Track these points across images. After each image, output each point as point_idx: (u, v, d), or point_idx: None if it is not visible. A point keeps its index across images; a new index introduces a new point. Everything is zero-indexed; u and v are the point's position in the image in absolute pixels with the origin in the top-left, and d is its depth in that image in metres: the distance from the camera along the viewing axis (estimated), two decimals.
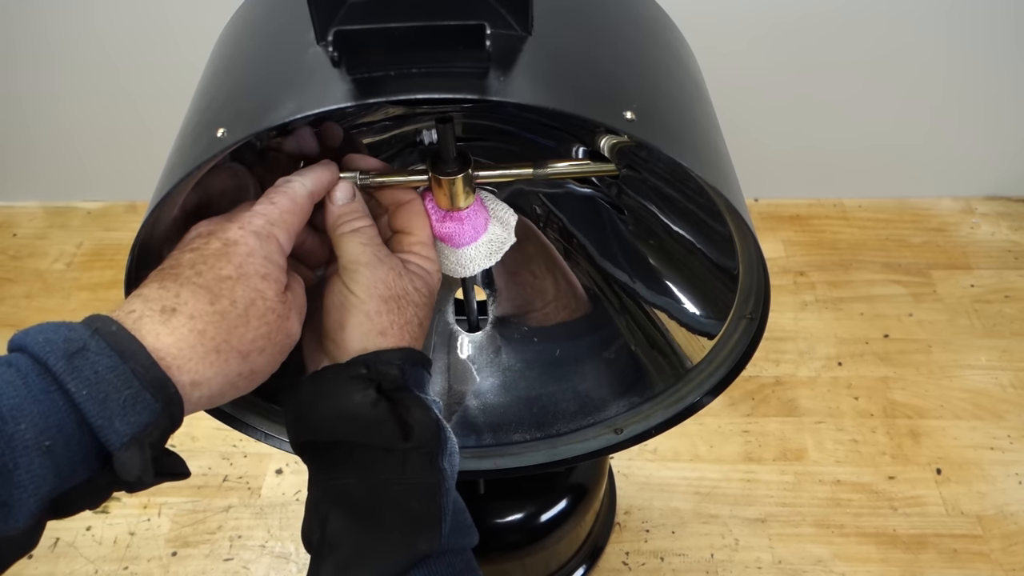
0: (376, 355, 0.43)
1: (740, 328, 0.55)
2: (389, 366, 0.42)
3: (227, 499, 1.03)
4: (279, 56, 0.43)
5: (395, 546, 0.40)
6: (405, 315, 0.44)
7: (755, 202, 1.37)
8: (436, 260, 0.49)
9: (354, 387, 0.41)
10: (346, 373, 0.42)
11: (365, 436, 0.41)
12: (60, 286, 1.29)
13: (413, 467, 0.41)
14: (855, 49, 1.15)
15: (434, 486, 0.42)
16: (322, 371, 0.44)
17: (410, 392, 0.43)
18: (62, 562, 0.97)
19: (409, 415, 0.42)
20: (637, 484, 1.02)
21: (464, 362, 0.67)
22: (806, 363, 1.14)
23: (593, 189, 0.61)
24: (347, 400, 0.41)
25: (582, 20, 0.46)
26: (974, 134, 1.28)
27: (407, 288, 0.45)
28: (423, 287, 0.46)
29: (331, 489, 0.42)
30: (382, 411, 0.41)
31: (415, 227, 0.49)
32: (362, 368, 0.42)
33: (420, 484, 0.41)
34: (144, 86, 1.22)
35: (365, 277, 0.44)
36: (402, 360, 0.43)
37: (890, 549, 0.95)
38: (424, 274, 0.47)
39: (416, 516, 0.41)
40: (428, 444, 0.42)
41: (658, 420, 0.61)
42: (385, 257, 0.45)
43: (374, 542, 0.40)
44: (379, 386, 0.42)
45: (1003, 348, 1.15)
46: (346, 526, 0.41)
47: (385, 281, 0.44)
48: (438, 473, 0.42)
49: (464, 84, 0.37)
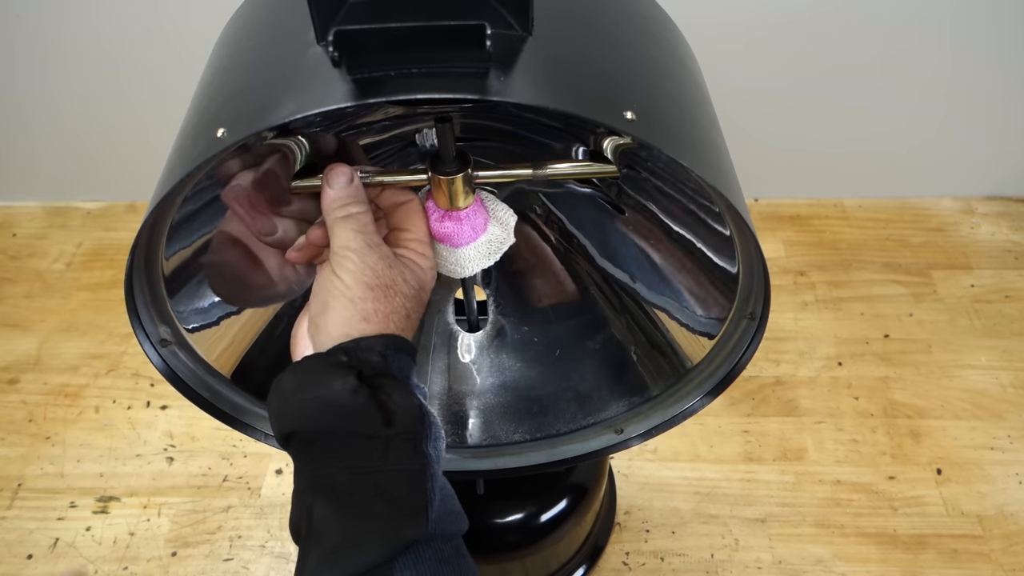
0: (357, 342, 0.42)
1: (740, 328, 0.55)
2: (370, 352, 0.42)
3: (227, 499, 1.03)
4: (279, 56, 0.43)
5: (381, 533, 0.40)
6: (392, 304, 0.44)
7: (755, 202, 1.37)
8: (431, 258, 0.49)
9: (334, 375, 0.41)
10: (326, 361, 0.42)
11: (346, 424, 0.41)
12: (60, 286, 1.29)
13: (396, 453, 0.41)
14: (855, 50, 1.15)
15: (418, 472, 0.41)
16: (302, 361, 0.43)
17: (392, 378, 0.42)
18: (62, 562, 0.97)
19: (391, 401, 0.41)
20: (637, 484, 1.02)
21: (464, 362, 0.67)
22: (806, 363, 1.14)
23: (593, 189, 0.61)
24: (327, 388, 0.41)
25: (582, 20, 0.46)
26: (974, 134, 1.28)
27: (396, 279, 0.45)
28: (413, 280, 0.46)
29: (315, 479, 0.41)
30: (363, 398, 0.41)
31: (412, 224, 0.49)
32: (342, 356, 0.42)
33: (404, 470, 0.41)
34: (144, 86, 1.22)
35: (353, 263, 0.43)
36: (384, 346, 0.43)
37: (890, 549, 0.95)
38: (416, 268, 0.47)
39: (401, 502, 0.41)
40: (411, 429, 0.41)
41: (658, 420, 0.61)
42: (376, 246, 0.45)
43: (359, 530, 0.40)
44: (360, 373, 0.41)
45: (1003, 348, 1.15)
46: (331, 515, 0.40)
47: (373, 268, 0.44)
48: (422, 458, 0.42)
49: (465, 84, 0.37)
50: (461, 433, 0.66)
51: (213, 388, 0.57)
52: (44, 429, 1.10)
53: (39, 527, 1.01)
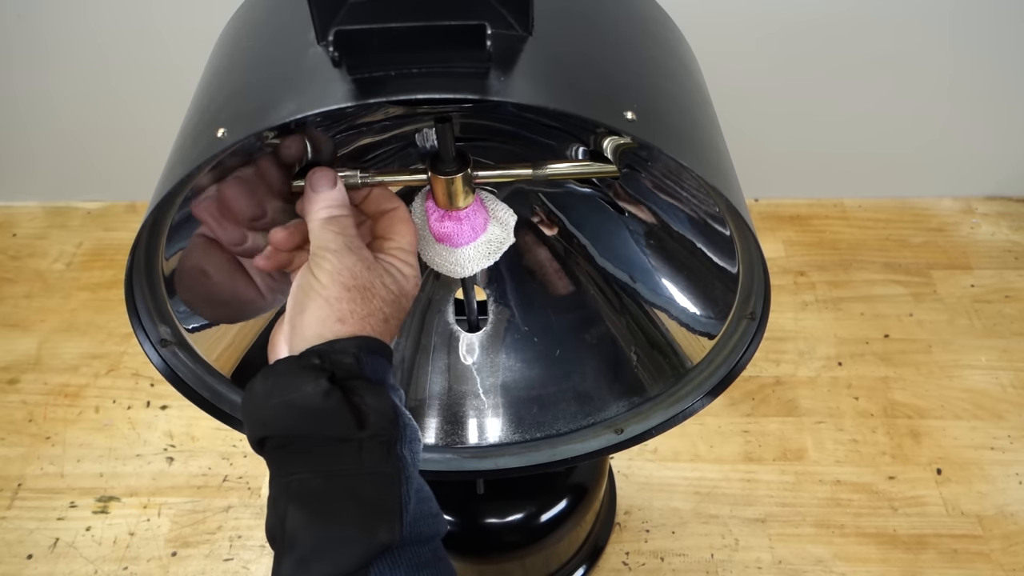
0: (331, 344, 0.42)
1: (740, 328, 0.55)
2: (343, 355, 0.41)
3: (227, 499, 1.03)
4: (279, 56, 0.43)
5: (354, 539, 0.39)
6: (369, 306, 0.44)
7: (755, 202, 1.37)
8: (415, 267, 0.48)
9: (306, 378, 0.40)
10: (298, 364, 0.41)
11: (319, 427, 0.40)
12: (60, 286, 1.29)
13: (369, 456, 0.40)
14: (855, 50, 1.15)
15: (392, 475, 0.41)
16: (274, 364, 0.43)
17: (365, 380, 0.42)
18: (62, 562, 0.97)
19: (363, 403, 0.41)
20: (637, 484, 1.02)
21: (464, 362, 0.67)
22: (806, 363, 1.14)
23: (593, 189, 0.61)
24: (298, 391, 0.40)
25: (583, 20, 0.46)
26: (974, 134, 1.28)
27: (375, 282, 0.44)
28: (393, 285, 0.46)
29: (289, 484, 0.41)
30: (335, 401, 0.40)
31: (396, 232, 0.48)
32: (315, 359, 0.41)
33: (378, 473, 0.40)
34: (144, 86, 1.22)
35: (331, 263, 0.43)
36: (357, 348, 0.42)
37: (890, 549, 0.95)
38: (398, 274, 0.46)
39: (375, 506, 0.40)
40: (384, 432, 0.41)
41: (658, 420, 0.61)
42: (356, 248, 0.44)
43: (333, 535, 0.39)
44: (332, 375, 0.41)
45: (1003, 348, 1.15)
46: (304, 521, 0.40)
47: (351, 270, 0.43)
48: (397, 461, 0.41)
49: (465, 84, 0.37)
50: (461, 433, 0.66)
51: (213, 388, 0.57)
52: (44, 429, 1.10)
53: (39, 527, 1.01)
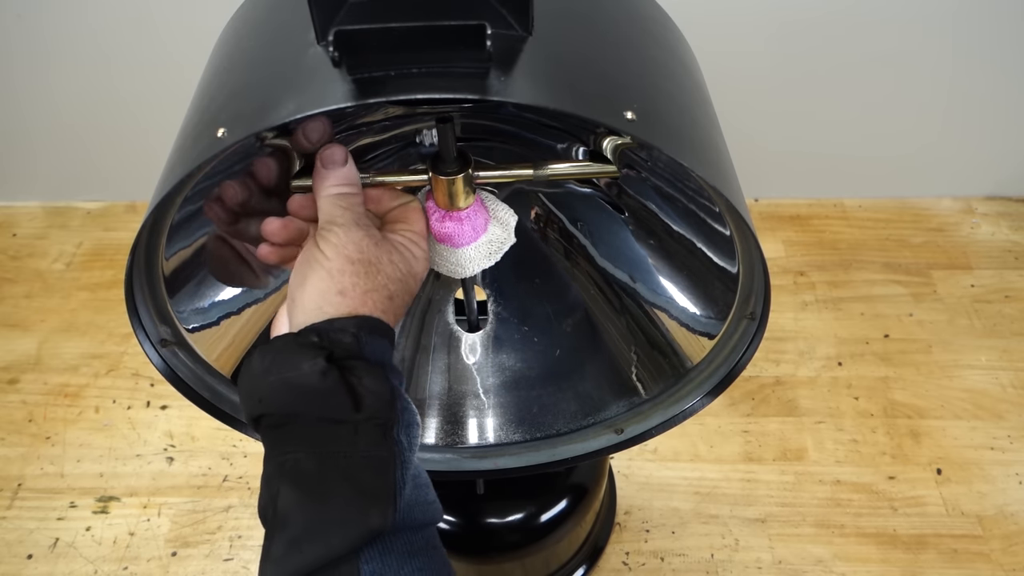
0: (330, 322, 0.41)
1: (740, 328, 0.55)
2: (343, 334, 0.41)
3: (227, 499, 1.03)
4: (279, 56, 0.43)
5: (346, 522, 0.38)
6: (373, 281, 0.43)
7: (755, 202, 1.37)
8: (426, 251, 0.48)
9: (303, 356, 0.39)
10: (297, 342, 0.40)
11: (314, 407, 0.39)
12: (60, 286, 1.29)
13: (365, 439, 0.39)
14: (856, 50, 1.15)
15: (387, 459, 0.40)
16: (273, 340, 0.42)
17: (364, 361, 0.41)
18: (62, 562, 0.97)
19: (360, 384, 0.40)
20: (637, 484, 1.02)
21: (464, 362, 0.67)
22: (806, 363, 1.14)
23: (593, 189, 0.61)
24: (295, 369, 0.39)
25: (583, 20, 0.46)
26: (975, 134, 1.28)
27: (381, 257, 0.44)
28: (401, 263, 0.45)
29: (283, 464, 0.40)
30: (332, 380, 0.39)
31: (409, 219, 0.48)
32: (313, 336, 0.40)
33: (372, 457, 0.39)
34: (144, 86, 1.22)
35: (337, 236, 0.43)
36: (357, 328, 0.41)
37: (890, 549, 0.95)
38: (407, 253, 0.46)
39: (368, 490, 0.39)
40: (381, 415, 0.40)
41: (658, 420, 0.61)
42: (364, 225, 0.44)
43: (325, 517, 0.39)
44: (330, 355, 0.40)
45: (1003, 348, 1.15)
46: (297, 501, 0.39)
47: (357, 244, 0.43)
48: (393, 445, 0.40)
49: (465, 84, 0.37)
50: (461, 433, 0.66)
51: (213, 388, 0.57)
52: (44, 429, 1.10)
53: (39, 527, 1.01)
